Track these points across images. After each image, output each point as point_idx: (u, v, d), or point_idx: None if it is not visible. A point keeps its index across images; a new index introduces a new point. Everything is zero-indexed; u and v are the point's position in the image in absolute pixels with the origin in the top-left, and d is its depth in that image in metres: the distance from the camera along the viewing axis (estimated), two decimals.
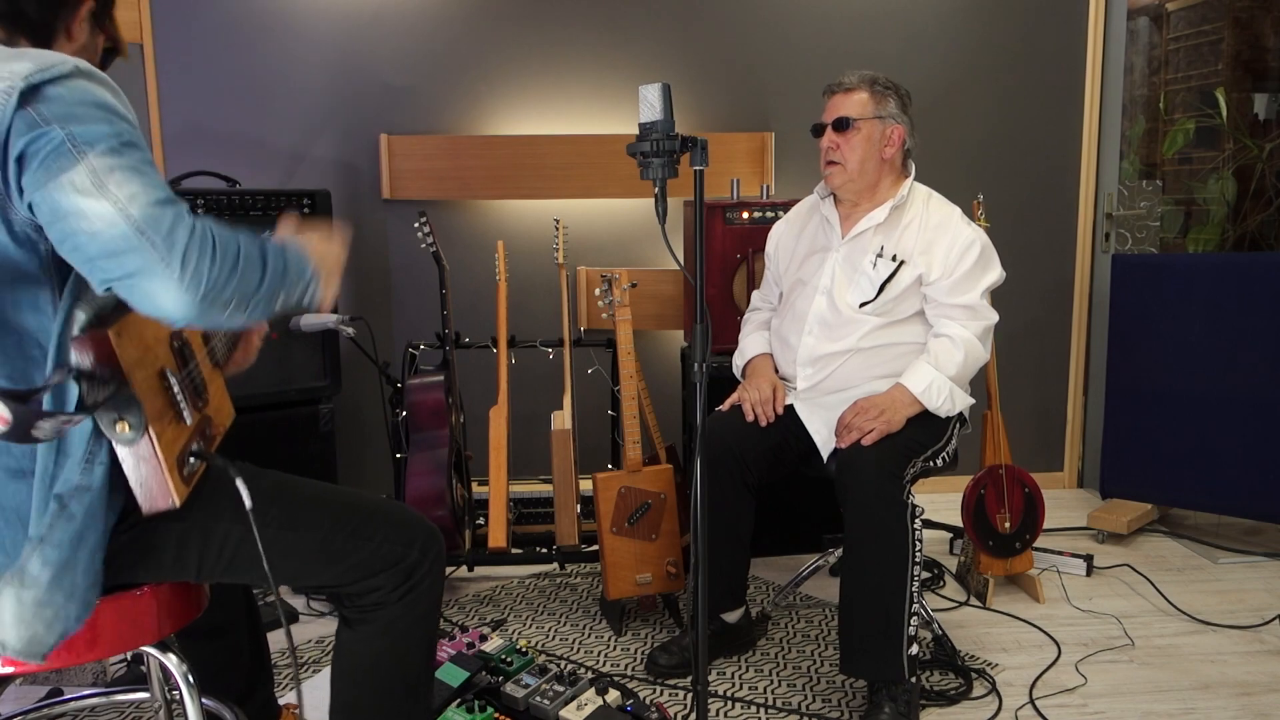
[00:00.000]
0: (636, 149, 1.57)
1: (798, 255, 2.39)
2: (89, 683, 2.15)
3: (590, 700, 1.94)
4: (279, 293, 1.21)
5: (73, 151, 1.08)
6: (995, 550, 2.66)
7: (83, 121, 1.10)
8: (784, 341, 2.35)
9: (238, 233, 1.17)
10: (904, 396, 2.13)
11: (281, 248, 1.24)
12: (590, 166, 3.31)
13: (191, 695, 1.42)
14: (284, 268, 1.22)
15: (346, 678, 1.52)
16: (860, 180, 2.22)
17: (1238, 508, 3.04)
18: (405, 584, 1.45)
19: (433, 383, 2.68)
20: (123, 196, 1.08)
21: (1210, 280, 2.97)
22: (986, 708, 2.12)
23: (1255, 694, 2.18)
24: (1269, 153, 4.28)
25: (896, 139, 2.22)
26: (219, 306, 1.12)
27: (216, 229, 1.14)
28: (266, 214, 2.82)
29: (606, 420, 3.03)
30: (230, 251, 1.14)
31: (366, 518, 1.45)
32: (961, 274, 2.19)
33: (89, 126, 1.10)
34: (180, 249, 1.09)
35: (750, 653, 2.39)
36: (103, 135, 1.10)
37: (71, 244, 1.09)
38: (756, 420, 2.24)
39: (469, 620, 2.59)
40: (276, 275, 1.20)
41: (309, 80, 3.25)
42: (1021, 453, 3.37)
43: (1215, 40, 4.36)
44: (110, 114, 1.13)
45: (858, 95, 2.21)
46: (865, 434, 2.05)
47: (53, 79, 1.10)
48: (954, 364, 2.16)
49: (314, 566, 1.41)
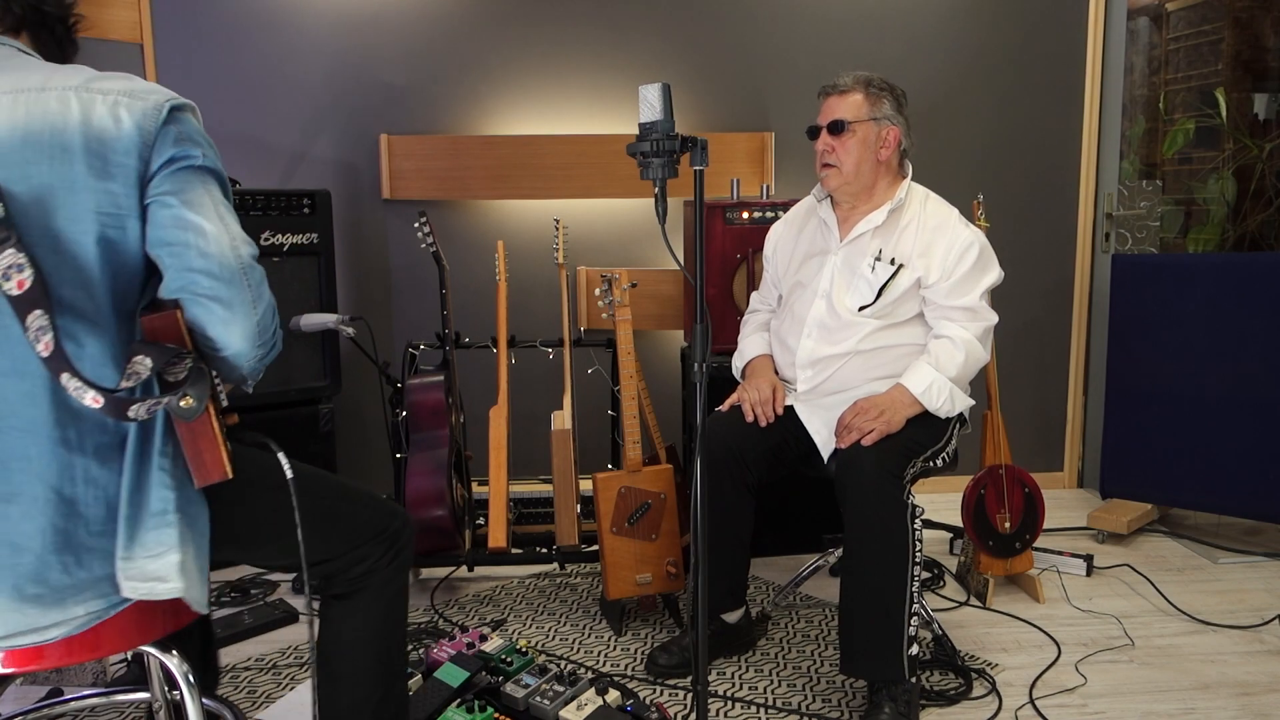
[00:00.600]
0: (636, 149, 1.58)
1: (796, 258, 2.38)
2: (89, 683, 2.14)
3: (590, 700, 1.94)
4: (261, 369, 1.36)
5: (208, 175, 1.26)
6: (995, 550, 2.66)
7: (210, 151, 1.27)
8: (783, 344, 2.35)
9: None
10: (904, 397, 2.13)
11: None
12: (590, 166, 3.31)
13: (192, 695, 1.42)
14: (272, 348, 1.36)
15: (342, 651, 1.56)
16: (856, 182, 2.22)
17: (1238, 508, 3.04)
18: (392, 549, 1.55)
19: (433, 383, 2.68)
20: (236, 234, 1.26)
21: (1210, 280, 2.97)
22: (986, 708, 2.12)
23: (1255, 694, 2.18)
24: (1269, 153, 4.28)
25: (892, 140, 2.21)
26: (255, 358, 1.30)
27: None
28: (266, 214, 2.82)
29: (606, 420, 3.03)
30: (277, 320, 1.33)
31: (346, 492, 1.55)
32: (960, 276, 2.18)
33: (214, 159, 1.27)
34: (265, 303, 1.28)
35: (750, 653, 2.39)
36: (220, 171, 1.28)
37: (178, 250, 1.22)
38: (756, 421, 2.23)
39: (469, 620, 2.59)
40: (270, 357, 1.35)
41: (309, 80, 3.25)
42: (1021, 453, 3.37)
43: (1215, 40, 4.36)
44: (216, 153, 1.29)
45: (852, 97, 2.20)
46: (865, 434, 2.05)
47: (182, 106, 1.26)
48: (954, 365, 2.16)
49: (313, 541, 1.46)
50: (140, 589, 1.25)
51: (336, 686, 1.56)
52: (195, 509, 1.30)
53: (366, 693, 1.57)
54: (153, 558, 1.24)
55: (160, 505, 1.25)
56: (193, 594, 1.28)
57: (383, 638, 1.58)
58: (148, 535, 1.24)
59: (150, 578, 1.24)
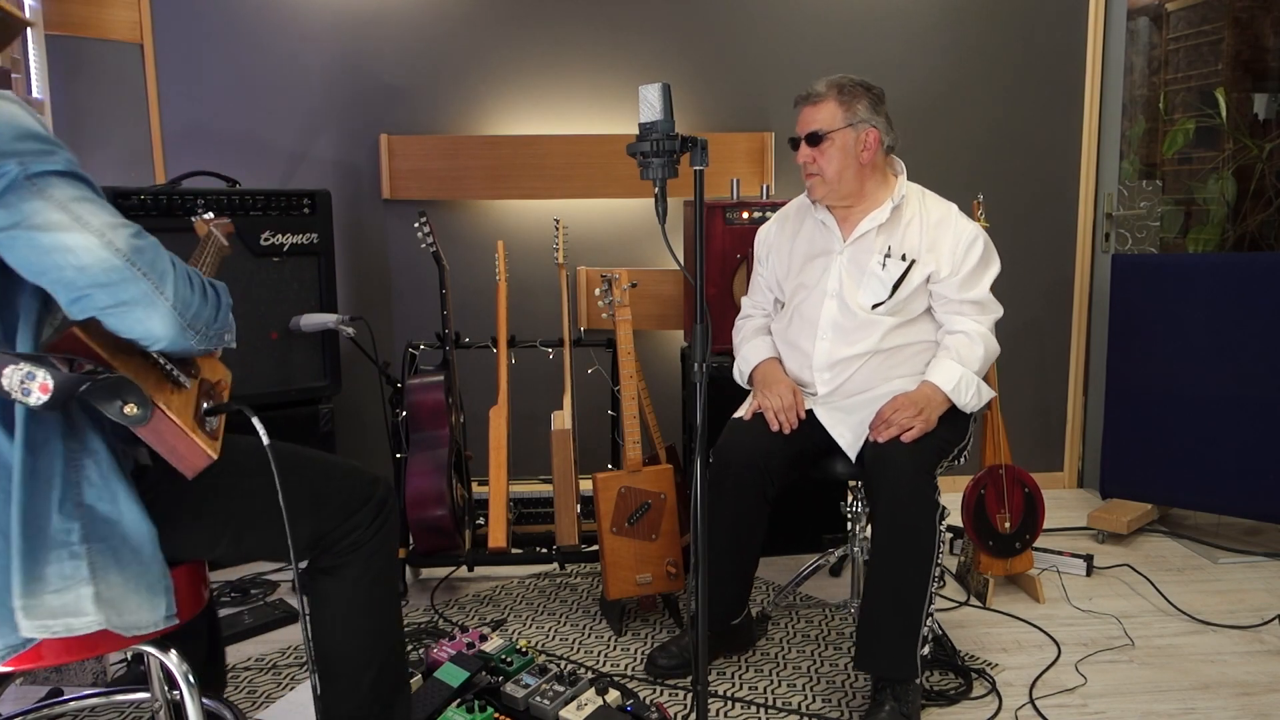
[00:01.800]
0: (636, 149, 1.58)
1: (796, 259, 2.35)
2: (89, 683, 2.14)
3: (590, 700, 1.94)
4: (223, 325, 1.31)
5: (41, 180, 1.11)
6: (995, 550, 2.66)
7: (35, 148, 1.12)
8: (795, 347, 2.31)
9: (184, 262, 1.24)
10: (936, 394, 2.12)
11: (214, 283, 1.32)
12: (590, 166, 3.31)
13: (192, 695, 1.42)
14: (218, 302, 1.30)
15: (335, 625, 1.57)
16: (842, 188, 2.20)
17: (1238, 508, 3.04)
18: (379, 516, 1.57)
19: (433, 383, 2.68)
20: (101, 228, 1.14)
21: (1210, 280, 2.97)
22: (986, 708, 2.12)
23: (1255, 694, 2.18)
24: (1269, 153, 4.28)
25: (872, 142, 2.18)
26: (192, 331, 1.22)
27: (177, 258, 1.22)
28: (266, 214, 2.82)
29: (606, 420, 3.03)
30: (197, 280, 1.23)
31: (328, 464, 1.57)
32: (969, 270, 2.19)
33: (41, 161, 1.12)
34: (171, 278, 1.19)
35: (750, 653, 2.39)
36: (56, 167, 1.13)
37: (55, 278, 1.13)
38: (780, 429, 2.18)
39: (469, 620, 2.59)
40: (224, 308, 1.30)
41: (309, 80, 3.25)
42: (1021, 453, 3.37)
43: (1215, 40, 4.36)
44: (48, 143, 1.15)
45: (826, 106, 2.16)
46: (905, 430, 2.05)
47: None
48: (976, 359, 2.16)
49: (305, 518, 1.48)
50: (52, 626, 1.20)
51: (332, 666, 1.56)
52: (123, 532, 1.25)
53: (362, 665, 1.58)
54: (57, 593, 1.20)
55: (62, 535, 1.20)
56: (123, 621, 1.24)
57: (374, 609, 1.59)
58: (48, 569, 1.19)
59: (60, 614, 1.20)
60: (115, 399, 1.14)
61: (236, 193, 2.77)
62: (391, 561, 1.63)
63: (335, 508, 1.52)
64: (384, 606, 1.63)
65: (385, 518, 1.58)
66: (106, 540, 1.23)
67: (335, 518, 1.52)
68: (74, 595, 1.20)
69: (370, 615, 1.59)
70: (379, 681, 1.59)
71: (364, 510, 1.55)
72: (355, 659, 1.58)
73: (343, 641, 1.57)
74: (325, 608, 1.57)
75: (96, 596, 1.21)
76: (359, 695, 1.58)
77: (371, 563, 1.56)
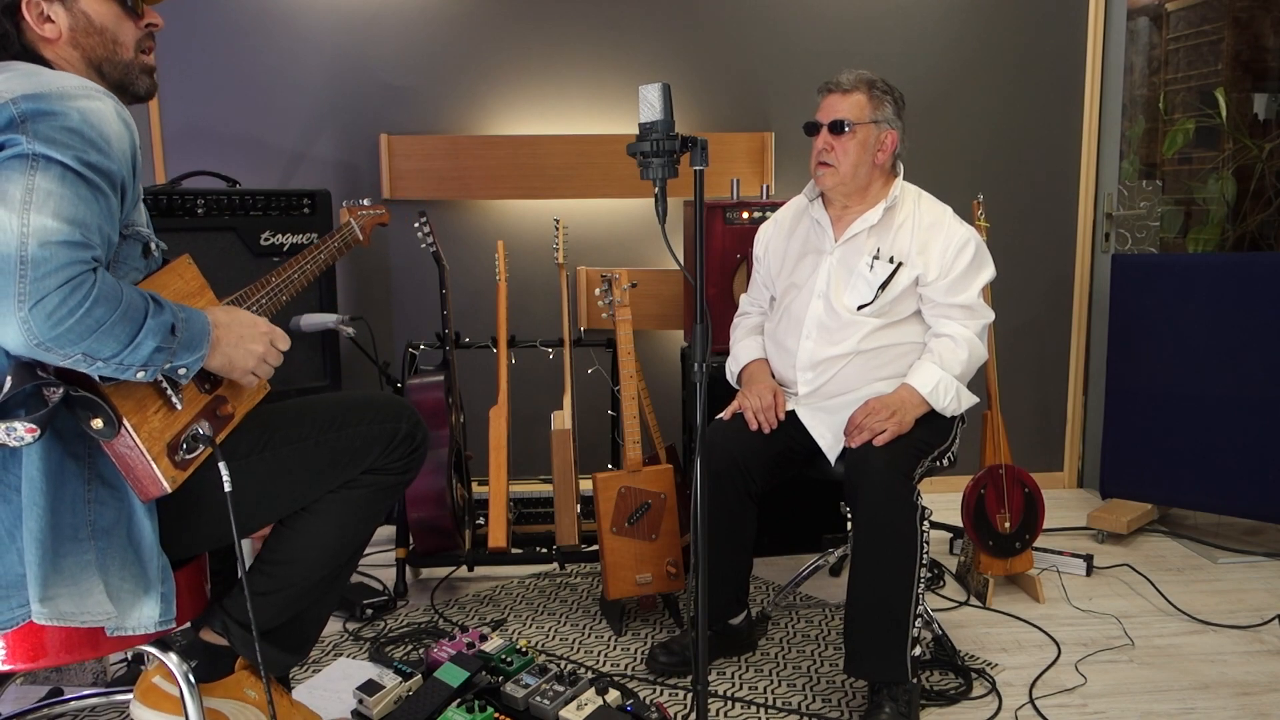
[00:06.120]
0: (636, 149, 1.58)
1: (789, 258, 2.36)
2: (89, 683, 2.14)
3: (590, 700, 1.94)
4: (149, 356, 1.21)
5: (36, 162, 1.14)
6: (995, 550, 2.66)
7: (48, 133, 1.16)
8: (781, 346, 2.33)
9: (128, 300, 1.18)
10: (913, 397, 2.12)
11: (185, 319, 1.27)
12: (590, 166, 3.31)
13: (192, 695, 1.42)
14: (167, 334, 1.23)
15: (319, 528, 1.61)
16: (852, 183, 2.21)
17: (1238, 508, 3.04)
18: (407, 454, 1.63)
19: (433, 383, 2.68)
20: (32, 223, 1.12)
21: (1210, 280, 2.97)
22: (986, 708, 2.12)
23: (1255, 694, 2.18)
24: (1269, 153, 4.28)
25: (890, 144, 2.20)
26: (56, 355, 1.14)
27: (108, 288, 1.16)
28: (266, 214, 2.82)
29: (606, 420, 3.03)
30: (97, 316, 1.15)
31: (341, 417, 1.59)
32: (959, 273, 2.18)
33: (46, 145, 1.15)
34: (41, 294, 1.10)
35: (750, 653, 2.39)
36: (57, 156, 1.15)
37: None
38: (760, 428, 2.21)
39: (469, 620, 2.59)
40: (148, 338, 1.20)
41: (309, 80, 3.25)
42: (1021, 453, 3.37)
43: (1215, 40, 4.36)
44: (86, 142, 1.18)
45: (855, 97, 2.18)
46: (877, 434, 2.05)
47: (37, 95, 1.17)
48: (958, 363, 2.16)
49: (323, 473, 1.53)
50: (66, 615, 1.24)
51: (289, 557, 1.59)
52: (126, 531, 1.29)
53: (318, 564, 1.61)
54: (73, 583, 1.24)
55: (78, 530, 1.25)
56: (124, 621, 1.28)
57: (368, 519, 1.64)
58: (65, 561, 1.23)
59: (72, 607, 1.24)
60: (86, 411, 1.19)
61: (236, 193, 2.77)
62: (401, 485, 1.67)
63: (347, 463, 1.57)
64: (373, 520, 1.67)
65: (412, 452, 1.64)
66: (111, 536, 1.26)
67: (351, 469, 1.58)
68: (87, 587, 1.24)
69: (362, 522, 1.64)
70: (322, 581, 1.63)
71: (385, 454, 1.60)
72: (315, 559, 1.61)
73: (311, 546, 1.60)
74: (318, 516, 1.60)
75: (106, 589, 1.25)
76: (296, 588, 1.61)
77: (383, 486, 1.63)
